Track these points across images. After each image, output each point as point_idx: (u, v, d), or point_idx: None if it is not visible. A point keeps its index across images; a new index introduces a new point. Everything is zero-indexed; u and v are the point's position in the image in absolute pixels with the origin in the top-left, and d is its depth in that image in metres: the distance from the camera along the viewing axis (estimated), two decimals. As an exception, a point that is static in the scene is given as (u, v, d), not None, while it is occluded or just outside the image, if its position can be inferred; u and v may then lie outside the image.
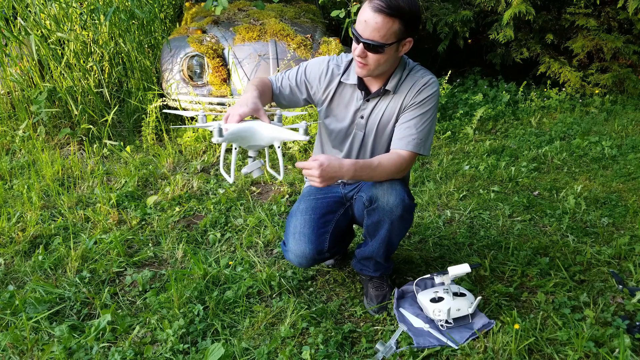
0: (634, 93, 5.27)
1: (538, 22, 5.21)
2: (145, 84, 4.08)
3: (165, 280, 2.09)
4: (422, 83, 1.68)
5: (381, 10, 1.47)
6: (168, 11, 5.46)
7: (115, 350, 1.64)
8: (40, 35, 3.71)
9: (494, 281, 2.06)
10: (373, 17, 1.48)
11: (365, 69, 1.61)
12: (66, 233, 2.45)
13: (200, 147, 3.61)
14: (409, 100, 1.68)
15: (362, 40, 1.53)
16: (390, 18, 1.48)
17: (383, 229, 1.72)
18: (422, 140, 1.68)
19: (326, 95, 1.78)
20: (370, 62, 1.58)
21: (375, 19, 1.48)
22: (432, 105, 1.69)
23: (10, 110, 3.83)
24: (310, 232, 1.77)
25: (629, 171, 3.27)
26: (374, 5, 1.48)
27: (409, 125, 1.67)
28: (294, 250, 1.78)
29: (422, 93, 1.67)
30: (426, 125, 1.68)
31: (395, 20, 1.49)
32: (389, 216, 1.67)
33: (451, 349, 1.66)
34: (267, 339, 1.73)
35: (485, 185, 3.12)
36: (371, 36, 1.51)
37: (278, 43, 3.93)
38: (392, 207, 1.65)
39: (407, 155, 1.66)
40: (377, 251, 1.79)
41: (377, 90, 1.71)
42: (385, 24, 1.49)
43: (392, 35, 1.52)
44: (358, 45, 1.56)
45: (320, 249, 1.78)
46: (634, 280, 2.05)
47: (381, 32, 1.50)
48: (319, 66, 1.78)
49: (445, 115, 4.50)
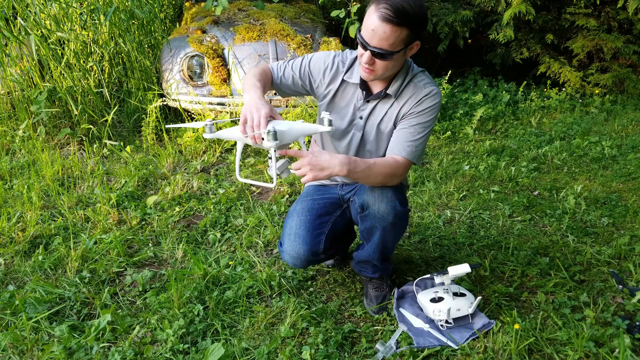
0: (634, 93, 5.27)
1: (538, 22, 5.22)
2: (145, 84, 4.08)
3: (165, 280, 2.09)
4: (424, 93, 1.65)
5: (389, 20, 1.43)
6: (168, 11, 5.46)
7: (115, 350, 1.64)
8: (40, 35, 3.71)
9: (494, 281, 2.06)
10: (381, 26, 1.45)
11: (372, 74, 1.60)
12: (66, 233, 2.45)
13: (200, 147, 3.61)
14: (408, 108, 1.66)
15: (369, 49, 1.50)
16: (398, 27, 1.44)
17: (376, 235, 1.71)
18: (418, 149, 1.66)
19: (328, 91, 1.77)
20: (378, 68, 1.57)
21: (384, 29, 1.45)
22: (432, 117, 1.66)
23: (10, 110, 3.83)
24: (305, 233, 1.77)
25: (629, 171, 3.27)
26: (382, 14, 1.43)
27: (407, 133, 1.65)
28: (289, 251, 1.78)
29: (424, 103, 1.65)
30: (423, 135, 1.66)
31: (403, 28, 1.45)
32: (381, 223, 1.67)
33: (451, 349, 1.66)
34: (267, 339, 1.73)
35: (485, 185, 3.12)
36: (379, 45, 1.48)
37: (278, 43, 3.93)
38: (384, 214, 1.64)
39: (403, 162, 1.64)
40: (372, 255, 1.79)
41: (379, 92, 1.70)
42: (393, 33, 1.45)
43: (400, 43, 1.49)
44: (365, 52, 1.54)
45: (315, 250, 1.77)
46: (634, 280, 2.05)
47: (389, 41, 1.47)
48: (324, 60, 1.76)
49: (445, 115, 4.50)
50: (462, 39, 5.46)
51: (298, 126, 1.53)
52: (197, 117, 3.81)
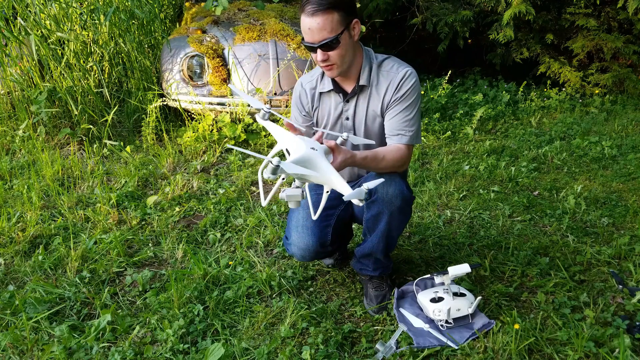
0: (634, 93, 5.27)
1: (538, 22, 5.22)
2: (145, 84, 4.08)
3: (165, 280, 2.09)
4: (399, 77, 1.70)
5: (316, 11, 1.52)
6: (168, 11, 5.46)
7: (115, 350, 1.64)
8: (40, 35, 3.71)
9: (494, 281, 2.06)
10: (313, 20, 1.53)
11: (334, 68, 1.65)
12: (66, 233, 2.45)
13: (200, 147, 3.61)
14: (390, 97, 1.71)
15: (316, 46, 1.57)
16: (327, 13, 1.52)
17: (382, 221, 1.73)
18: (414, 131, 1.72)
19: (315, 110, 1.84)
20: (334, 59, 1.61)
21: (316, 21, 1.53)
22: (415, 95, 1.72)
23: (10, 110, 3.83)
24: (313, 225, 1.80)
25: (629, 171, 3.27)
26: (308, 10, 1.53)
27: (398, 120, 1.70)
28: (298, 243, 1.81)
29: (403, 87, 1.70)
30: (414, 115, 1.72)
31: (332, 11, 1.53)
32: (389, 207, 1.68)
33: (451, 349, 1.66)
34: (267, 339, 1.73)
35: (485, 185, 3.12)
36: (320, 37, 1.55)
37: (278, 43, 3.93)
38: (392, 197, 1.66)
39: (406, 149, 1.71)
40: (376, 246, 1.80)
41: (353, 88, 1.74)
42: (325, 20, 1.53)
43: (338, 25, 1.55)
44: (316, 53, 1.60)
45: (324, 242, 1.81)
46: (634, 280, 2.05)
47: (327, 28, 1.54)
48: (297, 94, 1.85)
49: (445, 115, 4.50)
50: (462, 39, 5.46)
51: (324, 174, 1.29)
52: (197, 117, 3.81)
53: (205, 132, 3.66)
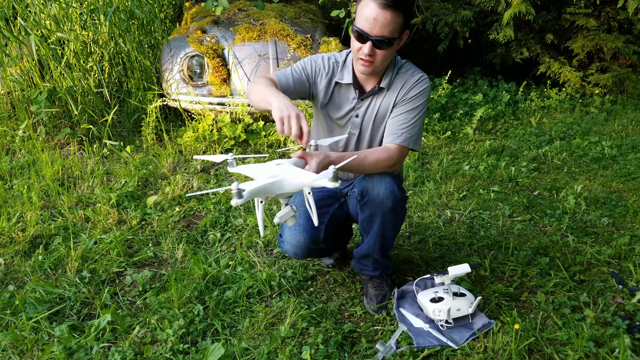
0: (634, 93, 5.27)
1: (538, 22, 5.22)
2: (145, 84, 4.08)
3: (165, 280, 2.09)
4: (413, 80, 1.70)
5: (389, 6, 1.48)
6: (168, 11, 5.46)
7: (115, 350, 1.64)
8: (40, 35, 3.71)
9: (494, 281, 2.06)
10: (382, 13, 1.49)
11: (371, 66, 1.62)
12: (66, 233, 2.45)
13: (200, 147, 3.61)
14: (400, 97, 1.71)
15: (371, 38, 1.53)
16: (397, 12, 1.50)
17: (376, 223, 1.72)
18: (413, 135, 1.70)
19: (324, 94, 1.78)
20: (378, 59, 1.59)
21: (385, 15, 1.49)
22: (423, 101, 1.71)
23: (10, 110, 3.83)
24: (305, 222, 1.79)
25: (629, 171, 3.27)
26: (381, 2, 1.48)
27: (399, 120, 1.70)
28: (290, 240, 1.80)
29: (414, 90, 1.70)
30: (416, 120, 1.71)
31: (400, 13, 1.51)
32: (380, 208, 1.68)
33: (451, 349, 1.66)
34: (267, 339, 1.73)
35: (485, 185, 3.12)
36: (381, 32, 1.52)
37: (278, 43, 3.93)
38: (383, 198, 1.65)
39: (396, 149, 1.68)
40: (372, 247, 1.80)
41: (372, 88, 1.73)
42: (393, 19, 1.50)
43: (398, 29, 1.54)
44: (365, 44, 1.56)
45: (316, 239, 1.80)
46: (634, 280, 2.05)
47: (390, 27, 1.51)
48: (317, 64, 1.78)
49: (445, 115, 4.50)
50: (462, 39, 5.46)
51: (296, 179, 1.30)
52: (197, 117, 3.81)
53: (205, 132, 3.66)
